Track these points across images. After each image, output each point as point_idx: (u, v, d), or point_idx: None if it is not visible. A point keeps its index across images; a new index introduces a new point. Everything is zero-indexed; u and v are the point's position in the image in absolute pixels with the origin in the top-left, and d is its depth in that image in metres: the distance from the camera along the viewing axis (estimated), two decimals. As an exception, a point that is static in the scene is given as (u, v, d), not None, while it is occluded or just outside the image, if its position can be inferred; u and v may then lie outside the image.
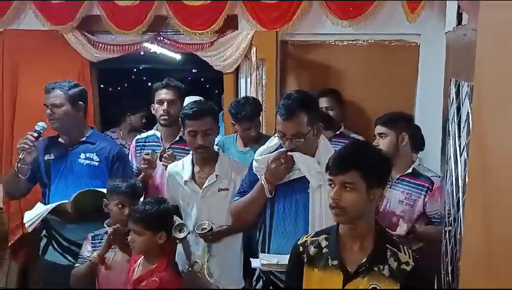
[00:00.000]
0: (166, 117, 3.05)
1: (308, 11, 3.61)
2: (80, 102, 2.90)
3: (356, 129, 3.65)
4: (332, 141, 3.28)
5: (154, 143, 3.11)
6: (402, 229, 2.60)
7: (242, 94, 3.75)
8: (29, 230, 2.75)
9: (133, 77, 7.87)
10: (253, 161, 2.47)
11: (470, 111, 2.03)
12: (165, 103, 3.05)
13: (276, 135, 2.38)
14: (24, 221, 2.74)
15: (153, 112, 3.14)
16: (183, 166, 2.76)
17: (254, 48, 3.64)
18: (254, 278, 2.51)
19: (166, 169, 2.88)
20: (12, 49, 3.77)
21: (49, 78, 3.62)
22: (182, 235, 2.60)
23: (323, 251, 1.86)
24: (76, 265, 2.64)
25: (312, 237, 1.94)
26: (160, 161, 2.98)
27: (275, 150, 2.38)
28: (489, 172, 1.19)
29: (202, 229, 2.60)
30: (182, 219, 2.70)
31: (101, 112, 4.22)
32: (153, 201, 2.50)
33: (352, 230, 1.83)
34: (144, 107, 4.64)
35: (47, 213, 2.76)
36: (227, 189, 2.68)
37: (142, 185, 2.84)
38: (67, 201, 2.72)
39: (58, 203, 2.74)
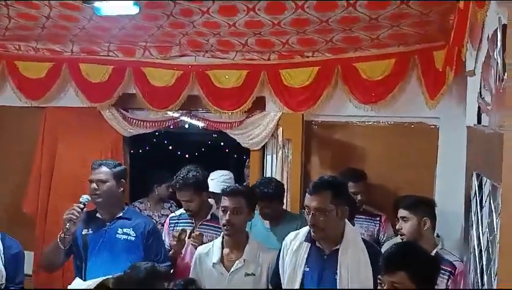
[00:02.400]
0: (188, 213, 3.21)
1: (332, 95, 3.81)
2: (122, 179, 3.06)
3: (376, 207, 3.75)
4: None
5: (187, 220, 3.23)
6: None
7: (268, 170, 3.91)
8: None
9: (154, 140, 8.12)
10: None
11: (493, 210, 2.14)
12: (184, 202, 3.19)
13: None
14: None
15: None
16: (212, 248, 2.83)
17: (281, 128, 3.83)
18: None
19: (195, 249, 2.98)
20: (52, 124, 4.03)
21: (85, 151, 3.90)
22: None
23: None
24: None
25: None
26: (189, 238, 3.10)
27: (305, 237, 2.50)
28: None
29: None
30: None
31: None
32: (182, 282, 2.58)
33: None
34: (170, 177, 4.81)
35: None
36: (254, 274, 2.74)
37: (171, 264, 2.95)
38: (109, 277, 2.81)
39: (103, 278, 2.81)
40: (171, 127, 4.52)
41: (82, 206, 2.93)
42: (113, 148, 4.02)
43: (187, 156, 8.76)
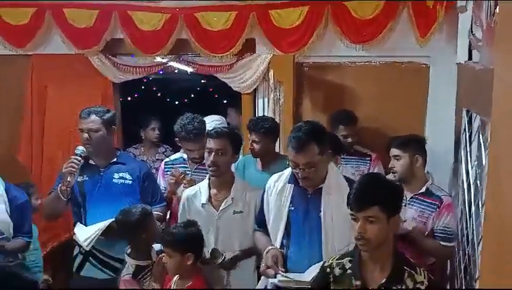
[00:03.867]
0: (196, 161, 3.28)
1: (323, 36, 3.77)
2: (113, 126, 3.09)
3: (367, 147, 3.80)
4: (343, 158, 3.47)
5: (181, 165, 3.29)
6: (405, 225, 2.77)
7: (259, 114, 3.91)
8: (87, 248, 2.91)
9: (143, 87, 8.04)
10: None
11: (482, 144, 2.20)
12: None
13: (288, 164, 2.54)
14: (80, 240, 2.90)
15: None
16: (200, 190, 2.92)
17: (272, 71, 3.81)
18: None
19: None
20: (40, 72, 3.95)
21: (75, 99, 3.86)
22: (219, 261, 2.75)
23: (347, 272, 2.07)
24: None
25: (337, 259, 2.14)
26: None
27: (288, 179, 2.57)
28: (505, 213, 1.35)
29: (215, 260, 2.76)
30: None
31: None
32: (182, 225, 2.64)
33: (374, 254, 2.03)
34: (155, 120, 4.77)
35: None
36: (242, 212, 2.85)
37: (166, 204, 3.11)
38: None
39: (110, 221, 2.89)
40: (161, 72, 4.48)
41: (79, 158, 2.95)
42: (103, 95, 3.98)
43: (176, 102, 8.73)
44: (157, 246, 2.77)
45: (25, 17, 3.83)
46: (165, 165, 3.41)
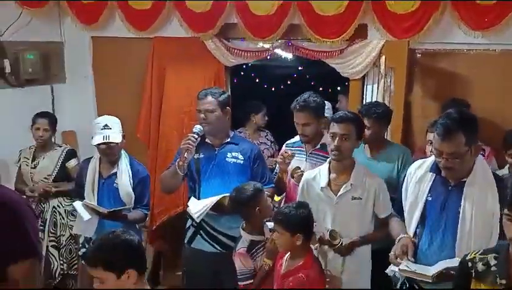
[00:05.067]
0: (302, 137, 3.26)
1: (440, 21, 3.65)
2: (227, 107, 3.21)
3: (481, 140, 3.63)
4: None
5: (299, 148, 3.31)
6: None
7: (368, 100, 3.88)
8: (198, 220, 3.08)
9: (242, 73, 8.23)
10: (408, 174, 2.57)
11: None
12: (300, 126, 3.21)
13: (431, 152, 2.46)
14: (193, 212, 3.08)
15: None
16: (319, 173, 2.94)
17: (383, 57, 3.76)
18: (398, 285, 2.61)
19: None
20: (160, 54, 4.20)
21: (190, 81, 4.06)
22: (336, 243, 2.78)
23: (492, 269, 1.97)
24: (243, 283, 2.83)
25: (480, 254, 2.04)
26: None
27: (430, 167, 2.46)
28: None
29: (334, 241, 2.78)
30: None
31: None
32: (294, 205, 2.69)
33: None
34: (264, 106, 4.96)
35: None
36: (361, 198, 2.83)
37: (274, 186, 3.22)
38: (227, 195, 3.01)
39: (220, 196, 3.04)
40: (269, 57, 4.58)
41: (196, 136, 3.09)
42: (215, 78, 4.14)
43: (273, 88, 8.85)
44: (270, 224, 2.86)
45: (147, 2, 4.07)
46: (285, 146, 3.44)
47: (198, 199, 3.20)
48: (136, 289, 2.07)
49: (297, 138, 3.38)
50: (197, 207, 3.09)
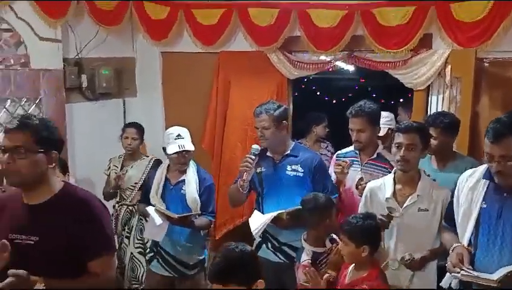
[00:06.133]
0: (356, 144, 3.23)
1: (510, 29, 3.56)
2: (284, 121, 3.24)
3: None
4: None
5: (352, 158, 3.30)
6: None
7: (433, 111, 3.80)
8: (256, 237, 3.18)
9: (303, 86, 8.30)
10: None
11: None
12: (355, 132, 3.21)
13: (484, 157, 2.42)
14: (252, 229, 3.16)
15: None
16: (384, 183, 2.90)
17: (449, 66, 3.70)
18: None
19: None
20: (225, 67, 4.36)
21: (254, 93, 4.16)
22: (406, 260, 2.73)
23: None
24: None
25: None
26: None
27: (483, 174, 2.42)
28: None
29: (403, 259, 2.72)
30: None
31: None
32: (361, 216, 2.66)
33: None
34: (326, 118, 5.00)
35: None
36: (427, 210, 2.76)
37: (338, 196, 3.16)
38: (284, 211, 3.08)
39: (277, 212, 3.10)
40: (330, 69, 4.62)
41: (253, 156, 3.17)
42: (278, 91, 4.23)
43: (334, 101, 8.85)
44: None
45: (214, 17, 4.25)
46: (336, 157, 3.45)
47: (262, 212, 3.26)
48: None
49: (349, 149, 3.36)
50: (256, 224, 3.17)
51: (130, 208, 4.10)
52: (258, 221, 3.16)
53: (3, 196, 2.38)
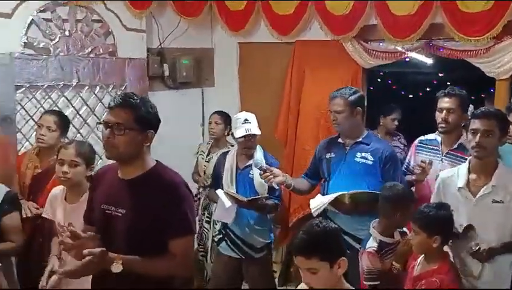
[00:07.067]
0: (443, 125, 3.16)
1: None
2: (358, 107, 3.25)
3: None
4: None
5: (434, 147, 3.25)
6: None
7: (516, 101, 3.66)
8: (315, 215, 3.18)
9: (378, 80, 8.16)
10: None
11: None
12: (444, 112, 3.15)
13: None
14: (311, 207, 3.22)
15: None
16: (458, 173, 2.81)
17: (536, 54, 3.52)
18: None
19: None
20: (300, 57, 4.41)
21: (328, 83, 4.17)
22: (473, 246, 2.66)
23: None
24: (369, 282, 2.81)
25: None
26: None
27: None
28: None
29: (471, 249, 2.65)
30: None
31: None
32: (434, 206, 2.61)
33: None
34: (396, 110, 4.92)
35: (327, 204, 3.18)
36: (502, 202, 2.65)
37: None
38: (345, 193, 3.09)
39: (338, 193, 3.13)
40: (407, 59, 4.54)
41: (261, 171, 3.29)
42: (352, 81, 4.19)
43: (411, 96, 8.63)
44: None
45: (290, 7, 4.30)
46: (418, 142, 3.39)
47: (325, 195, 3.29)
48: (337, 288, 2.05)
49: (432, 136, 3.30)
50: (315, 203, 3.21)
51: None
52: (317, 201, 3.21)
53: (103, 168, 2.52)
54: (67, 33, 3.98)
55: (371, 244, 2.85)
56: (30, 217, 3.18)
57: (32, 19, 3.78)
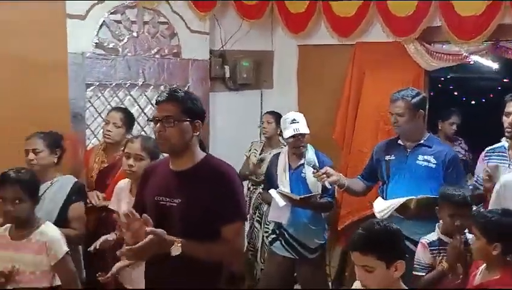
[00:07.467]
0: (510, 129, 3.04)
1: None
2: (420, 110, 3.19)
3: None
4: None
5: (500, 153, 3.14)
6: None
7: None
8: (379, 217, 3.12)
9: (439, 85, 7.96)
10: None
11: None
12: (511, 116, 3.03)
13: None
14: (376, 211, 3.20)
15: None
16: None
17: None
18: None
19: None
20: (360, 59, 4.39)
21: (388, 85, 4.10)
22: None
23: None
24: (415, 272, 2.78)
25: None
26: None
27: None
28: None
29: None
30: None
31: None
32: (498, 212, 2.47)
33: None
34: (454, 115, 4.79)
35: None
36: None
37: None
38: (413, 197, 3.04)
39: (406, 198, 3.07)
40: (471, 62, 4.42)
41: (314, 169, 3.31)
42: (414, 83, 4.10)
43: (473, 102, 8.36)
44: (469, 236, 2.73)
45: (352, 8, 4.30)
46: (485, 152, 3.27)
47: (385, 199, 3.24)
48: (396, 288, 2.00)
49: (498, 144, 3.18)
50: (381, 206, 3.16)
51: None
52: (384, 204, 3.16)
53: (151, 164, 2.65)
54: (135, 34, 4.17)
55: (428, 237, 2.83)
56: (95, 209, 3.32)
57: (104, 21, 3.99)
